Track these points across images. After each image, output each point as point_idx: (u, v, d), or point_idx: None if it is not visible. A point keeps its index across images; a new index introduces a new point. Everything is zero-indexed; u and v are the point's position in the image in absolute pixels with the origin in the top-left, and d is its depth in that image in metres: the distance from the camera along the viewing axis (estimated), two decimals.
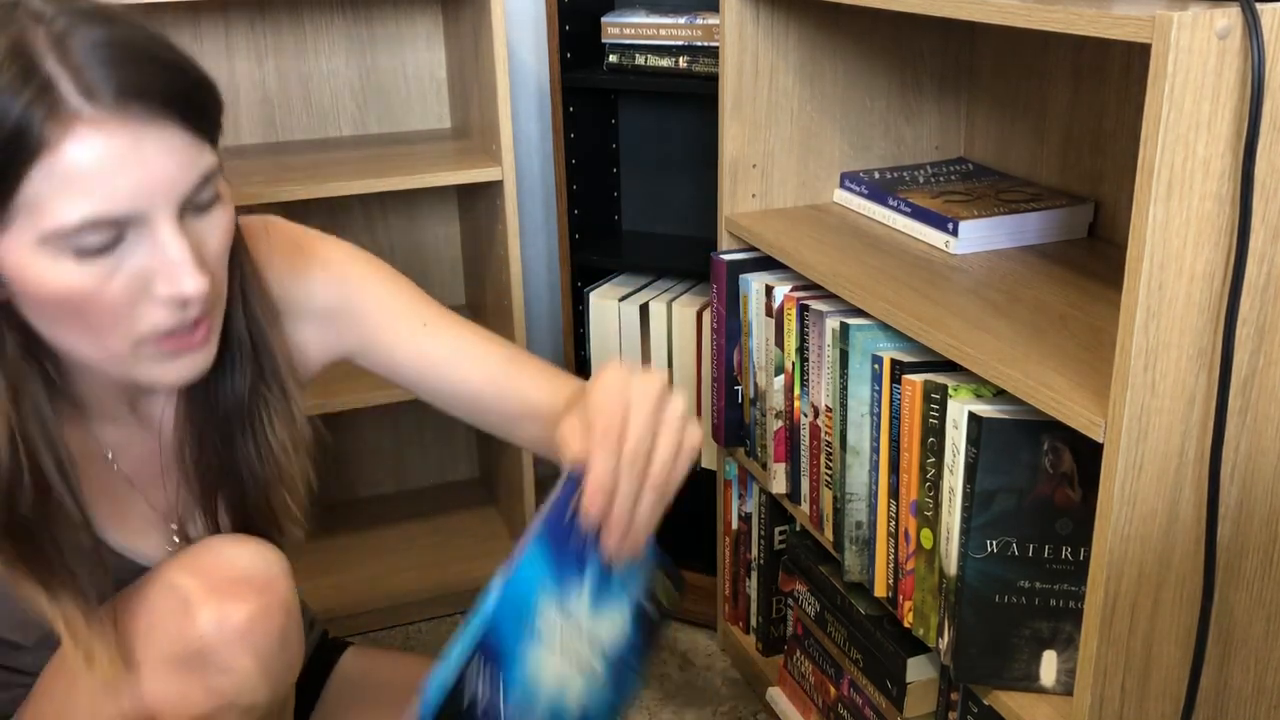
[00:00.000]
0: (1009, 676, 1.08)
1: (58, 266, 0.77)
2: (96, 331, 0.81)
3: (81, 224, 0.75)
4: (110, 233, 0.77)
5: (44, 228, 0.75)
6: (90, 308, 0.79)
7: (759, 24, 1.44)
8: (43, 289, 0.78)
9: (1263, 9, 0.81)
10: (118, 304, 0.79)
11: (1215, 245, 0.87)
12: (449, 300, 2.04)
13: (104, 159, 0.75)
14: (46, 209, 0.75)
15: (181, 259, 0.79)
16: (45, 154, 0.74)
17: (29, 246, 0.76)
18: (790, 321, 1.35)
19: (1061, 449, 1.01)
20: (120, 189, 0.76)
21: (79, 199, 0.75)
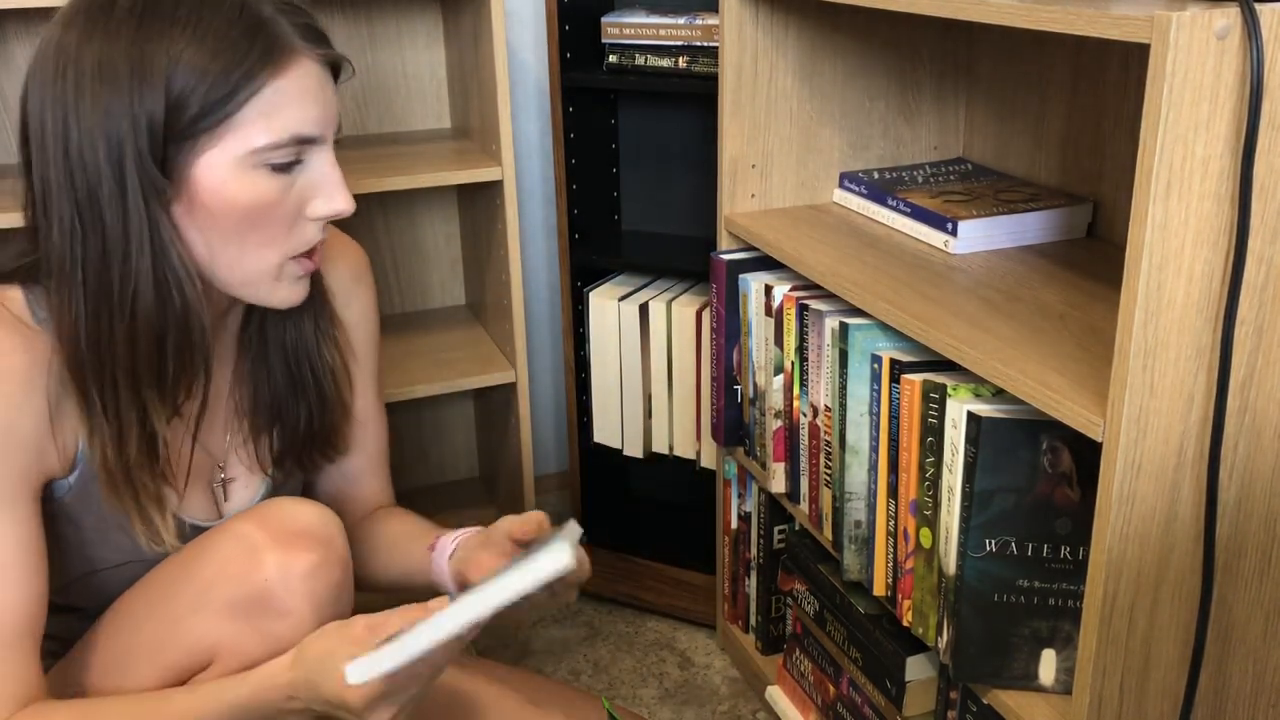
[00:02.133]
0: (1008, 675, 1.09)
1: (252, 179, 0.92)
2: (265, 242, 0.95)
3: (288, 140, 0.92)
4: (296, 151, 0.93)
5: (254, 144, 0.90)
6: (267, 218, 0.93)
7: (758, 24, 1.44)
8: (236, 201, 0.91)
9: (1262, 9, 0.81)
10: (287, 216, 0.94)
11: (1214, 245, 0.87)
12: (449, 300, 2.05)
13: (308, 89, 0.93)
14: (257, 129, 0.90)
15: (339, 180, 0.97)
16: (265, 88, 0.90)
17: (230, 163, 0.90)
18: (790, 321, 1.35)
19: (1060, 448, 1.01)
20: (313, 115, 0.93)
21: (287, 119, 0.91)
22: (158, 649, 0.98)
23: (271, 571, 0.96)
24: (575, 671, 1.72)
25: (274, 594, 0.95)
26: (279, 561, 0.96)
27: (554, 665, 1.73)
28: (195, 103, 0.88)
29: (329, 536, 0.99)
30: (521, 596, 0.86)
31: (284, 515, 0.99)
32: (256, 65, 0.89)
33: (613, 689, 1.68)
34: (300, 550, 0.97)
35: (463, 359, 1.81)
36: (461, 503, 2.09)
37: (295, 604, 0.96)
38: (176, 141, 0.89)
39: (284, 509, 1.00)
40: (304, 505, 1.01)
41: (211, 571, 0.97)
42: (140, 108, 0.87)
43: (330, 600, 0.98)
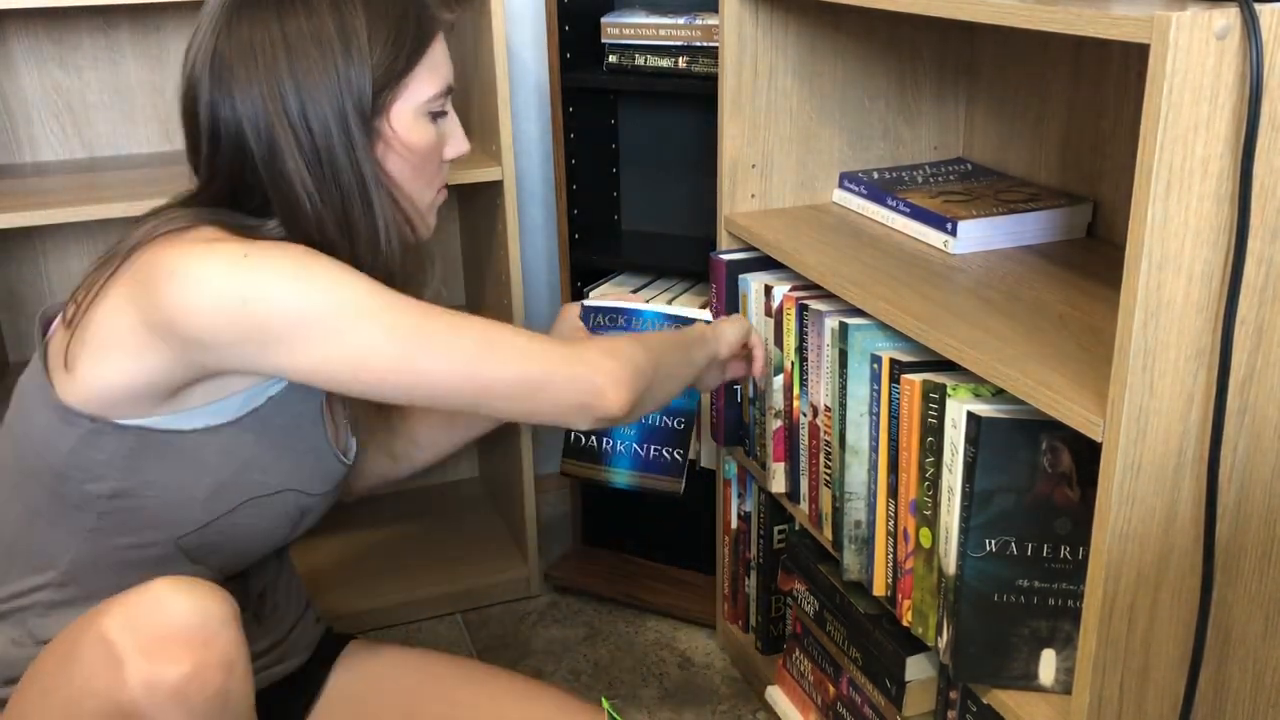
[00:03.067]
0: (1008, 675, 1.09)
1: (426, 127, 1.08)
2: (430, 176, 1.10)
3: (443, 91, 1.08)
4: (445, 101, 1.09)
5: (425, 96, 1.06)
6: (431, 157, 1.09)
7: (758, 24, 1.44)
8: (416, 144, 1.07)
9: (1261, 9, 0.81)
10: (437, 156, 1.10)
11: (1214, 245, 0.87)
12: (449, 300, 2.05)
13: (444, 52, 1.09)
14: (424, 83, 1.06)
15: (461, 129, 1.13)
16: (429, 49, 1.06)
17: (410, 113, 1.06)
18: (789, 321, 1.35)
19: (1060, 448, 1.01)
20: (450, 71, 1.10)
21: (441, 75, 1.08)
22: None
23: (136, 690, 0.86)
24: (575, 671, 1.72)
25: (143, 712, 0.86)
26: (144, 678, 0.86)
27: (554, 665, 1.73)
28: (388, 64, 1.03)
29: (206, 637, 0.89)
30: None
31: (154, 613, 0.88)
32: (423, 31, 1.05)
33: (613, 689, 1.68)
34: (168, 661, 0.86)
35: None
36: (461, 503, 2.10)
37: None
38: (379, 98, 1.03)
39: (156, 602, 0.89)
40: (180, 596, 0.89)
41: (78, 682, 0.89)
42: (353, 71, 1.01)
43: (215, 710, 0.89)
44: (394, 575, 1.87)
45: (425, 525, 2.01)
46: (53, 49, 1.72)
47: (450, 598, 1.86)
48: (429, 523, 2.02)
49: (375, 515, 2.04)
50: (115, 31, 1.74)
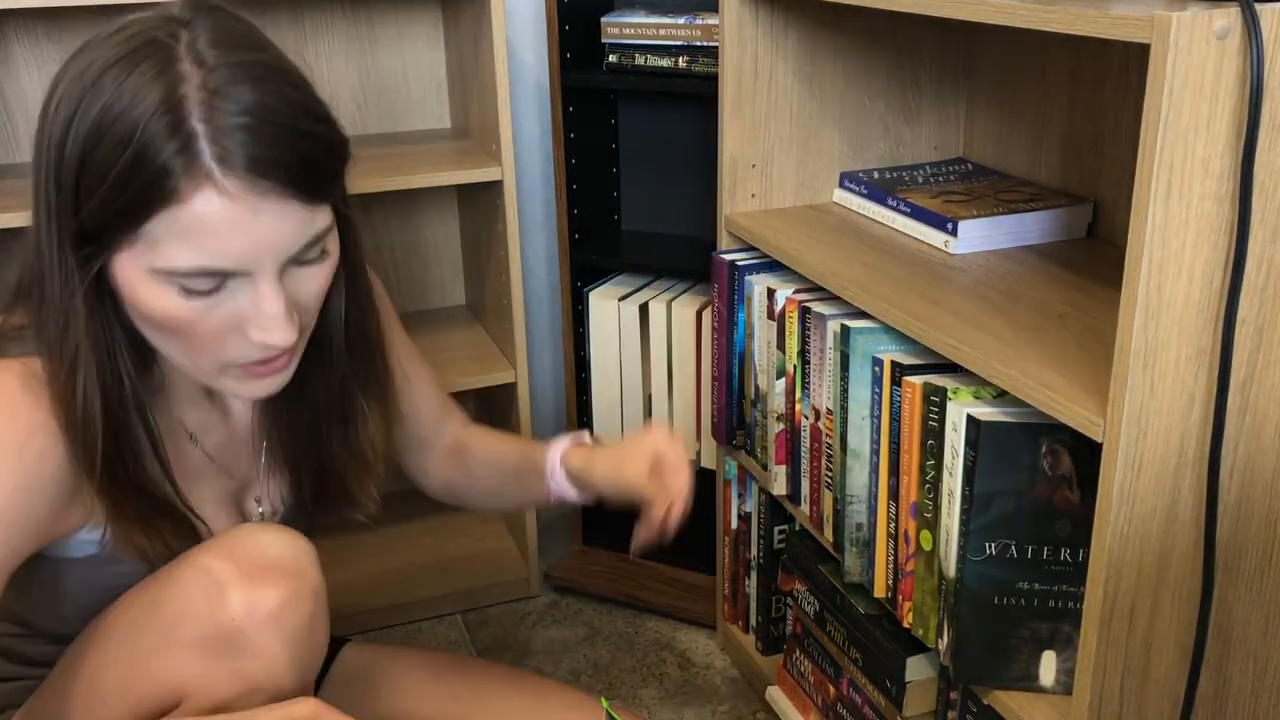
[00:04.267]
0: (1008, 677, 1.08)
1: (164, 295, 0.85)
2: (188, 350, 0.89)
3: (191, 270, 0.83)
4: (215, 280, 0.84)
5: (157, 264, 0.83)
6: (186, 333, 0.87)
7: (758, 24, 1.44)
8: (148, 309, 0.86)
9: (1262, 9, 0.81)
10: (211, 334, 0.87)
11: (1214, 245, 0.87)
12: (449, 300, 2.05)
13: (222, 221, 0.82)
14: (162, 249, 0.82)
15: (275, 313, 0.86)
16: (174, 203, 0.81)
17: (141, 271, 0.84)
18: (792, 324, 1.35)
19: (1060, 451, 1.01)
20: (232, 249, 0.83)
21: (193, 250, 0.82)
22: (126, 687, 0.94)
23: (238, 610, 0.91)
24: (575, 672, 1.72)
25: (242, 633, 0.91)
26: (245, 599, 0.91)
27: (554, 665, 1.73)
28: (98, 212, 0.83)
29: (299, 568, 0.95)
30: None
31: (251, 546, 0.94)
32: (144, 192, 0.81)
33: (613, 689, 1.68)
34: (268, 585, 0.92)
35: (462, 359, 1.81)
36: None
37: (265, 643, 0.91)
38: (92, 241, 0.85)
39: (251, 538, 0.95)
40: (273, 534, 0.96)
41: (176, 608, 0.93)
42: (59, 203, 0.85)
43: (303, 635, 0.94)
44: (394, 575, 1.87)
45: (425, 525, 2.01)
46: (52, 49, 1.72)
47: (450, 598, 1.85)
48: (429, 523, 2.02)
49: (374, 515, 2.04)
50: None
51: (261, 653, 0.92)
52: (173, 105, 0.80)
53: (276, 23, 1.81)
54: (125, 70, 0.82)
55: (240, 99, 0.82)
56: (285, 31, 1.82)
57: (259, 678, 0.92)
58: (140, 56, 0.82)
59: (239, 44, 0.85)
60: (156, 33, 0.84)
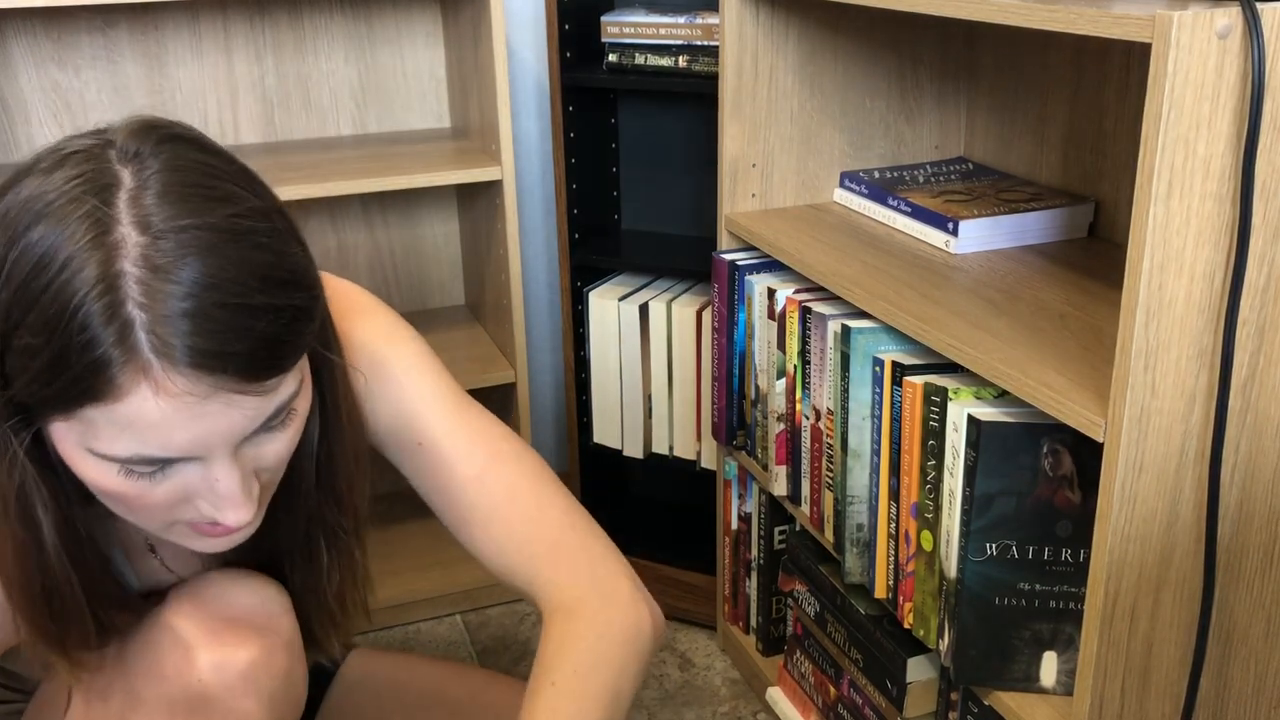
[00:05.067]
0: (1009, 677, 1.08)
1: (103, 471, 0.75)
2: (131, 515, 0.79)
3: (129, 458, 0.74)
4: (159, 465, 0.75)
5: (95, 448, 0.74)
6: (130, 504, 0.78)
7: (759, 23, 1.43)
8: (88, 480, 0.77)
9: (1263, 9, 0.81)
10: (158, 506, 0.78)
11: (1215, 245, 0.87)
12: (448, 300, 2.04)
13: (164, 417, 0.72)
14: (100, 434, 0.73)
15: (229, 495, 0.77)
16: (109, 398, 0.71)
17: (78, 447, 0.75)
18: (792, 324, 1.35)
19: (1061, 451, 1.01)
20: (177, 441, 0.73)
21: (132, 440, 0.73)
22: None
23: (206, 672, 0.87)
24: None
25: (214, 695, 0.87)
26: (214, 661, 0.87)
27: None
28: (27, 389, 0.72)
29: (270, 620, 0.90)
30: None
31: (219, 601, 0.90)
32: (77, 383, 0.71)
33: None
34: (237, 645, 0.88)
35: (462, 359, 1.81)
36: None
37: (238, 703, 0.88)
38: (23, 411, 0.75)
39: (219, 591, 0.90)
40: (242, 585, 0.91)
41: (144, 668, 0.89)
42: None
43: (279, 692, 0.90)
44: (393, 576, 1.87)
45: (425, 526, 2.01)
46: (51, 48, 1.72)
47: (450, 599, 1.85)
48: (429, 523, 2.02)
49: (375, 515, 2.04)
50: (114, 31, 1.74)
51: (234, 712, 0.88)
52: (110, 285, 0.69)
53: (276, 22, 1.81)
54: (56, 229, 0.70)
55: (185, 279, 0.70)
56: (284, 30, 1.82)
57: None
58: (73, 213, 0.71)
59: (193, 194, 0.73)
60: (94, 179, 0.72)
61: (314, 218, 1.92)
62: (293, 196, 1.59)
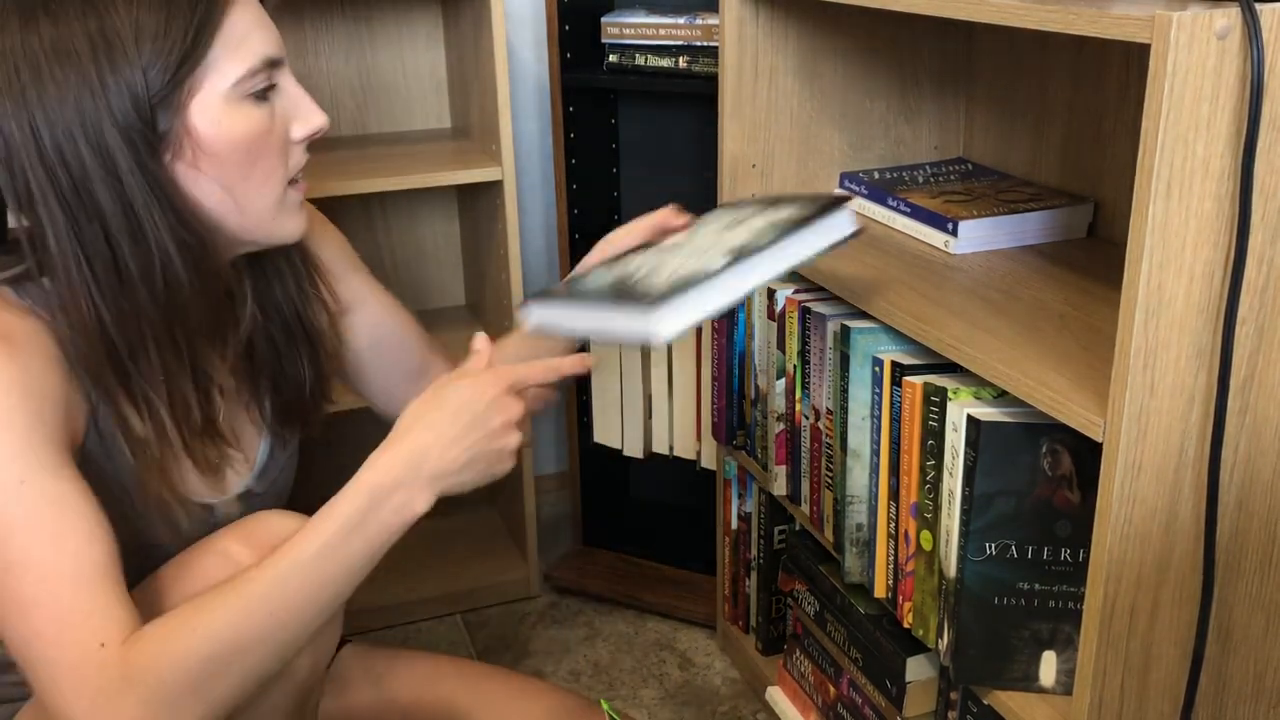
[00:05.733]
0: (1008, 677, 1.08)
1: (244, 112, 0.92)
2: (269, 171, 0.95)
3: (260, 64, 0.92)
4: (268, 76, 0.93)
5: (232, 77, 0.90)
6: (264, 146, 0.94)
7: (758, 24, 1.44)
8: (235, 136, 0.91)
9: (1262, 9, 0.81)
10: (279, 142, 0.95)
11: (1215, 245, 0.87)
12: (449, 300, 2.04)
13: (253, 21, 0.93)
14: (233, 60, 0.90)
15: (309, 99, 0.98)
16: (223, 22, 0.90)
17: (219, 101, 0.90)
18: (792, 324, 1.35)
19: (1060, 451, 1.01)
20: (271, 37, 0.94)
21: (250, 49, 0.91)
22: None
23: None
24: (575, 672, 1.72)
25: None
26: None
27: (554, 666, 1.73)
28: (167, 57, 0.87)
29: None
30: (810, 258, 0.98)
31: (267, 530, 0.96)
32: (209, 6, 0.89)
33: (613, 690, 1.68)
34: None
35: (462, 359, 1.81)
36: (461, 502, 2.09)
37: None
38: (163, 99, 0.88)
39: (267, 523, 0.97)
40: (287, 519, 0.98)
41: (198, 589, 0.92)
42: (115, 80, 0.86)
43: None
44: (393, 575, 1.87)
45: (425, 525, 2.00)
46: None
47: (450, 598, 1.85)
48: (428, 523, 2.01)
49: None
50: None
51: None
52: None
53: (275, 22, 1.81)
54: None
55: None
56: (285, 31, 1.81)
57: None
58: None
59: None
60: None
61: None
62: None
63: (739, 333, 1.48)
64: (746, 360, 1.47)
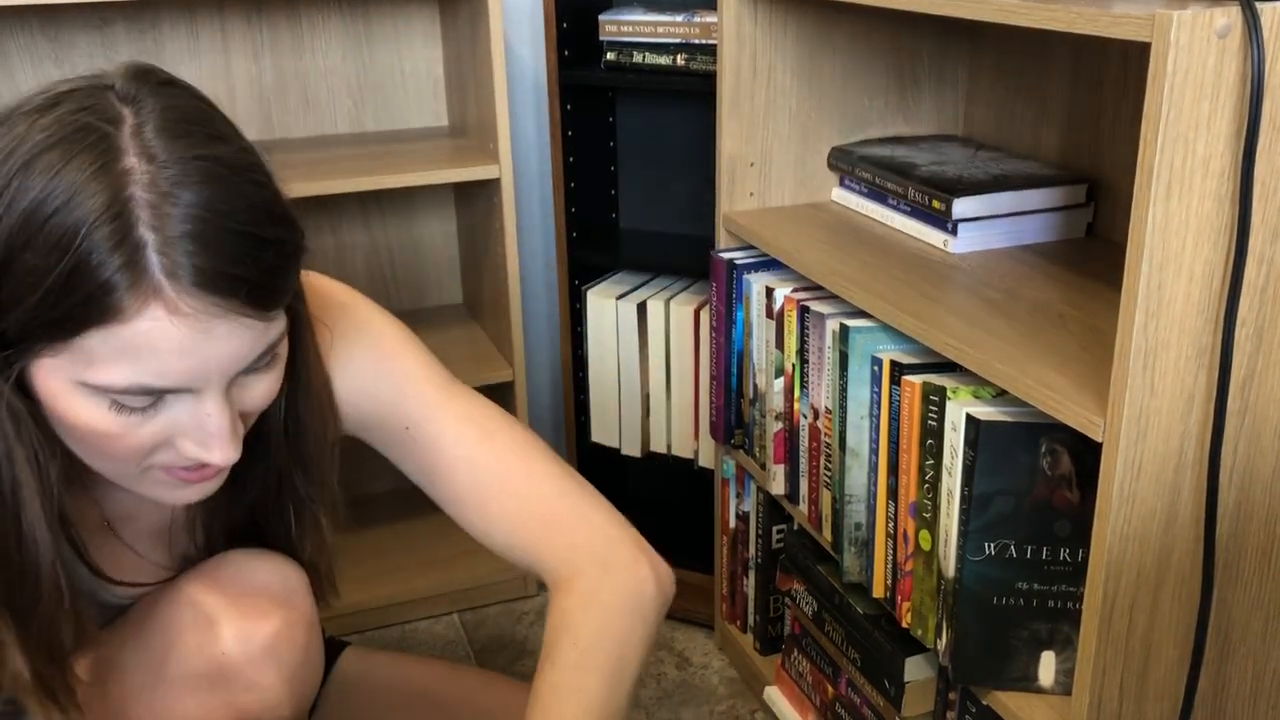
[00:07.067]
0: (1007, 677, 1.08)
1: (91, 407, 0.75)
2: (110, 460, 0.79)
3: (128, 388, 0.74)
4: (154, 397, 0.76)
5: (90, 379, 0.74)
6: (112, 445, 0.77)
7: (757, 22, 1.43)
8: (71, 420, 0.76)
9: (1262, 8, 0.81)
10: (140, 446, 0.78)
11: (1214, 245, 0.87)
12: (446, 299, 2.04)
13: (169, 341, 0.73)
14: (97, 365, 0.73)
15: (218, 432, 0.77)
16: (115, 320, 0.71)
17: (68, 382, 0.75)
18: (790, 323, 1.35)
19: (1060, 451, 1.01)
20: (177, 368, 0.74)
21: (133, 369, 0.73)
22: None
23: (230, 645, 0.88)
24: None
25: (236, 667, 0.89)
26: (237, 633, 0.88)
27: None
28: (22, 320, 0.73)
29: (289, 595, 0.92)
30: None
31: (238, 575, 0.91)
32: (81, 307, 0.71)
33: None
34: (259, 617, 0.89)
35: (460, 358, 1.81)
36: None
37: (260, 676, 0.89)
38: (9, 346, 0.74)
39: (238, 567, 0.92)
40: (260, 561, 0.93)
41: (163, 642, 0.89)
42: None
43: (300, 665, 0.92)
44: (391, 575, 1.87)
45: (422, 525, 2.00)
46: (48, 46, 1.72)
47: (447, 598, 1.85)
48: (426, 522, 2.01)
49: (372, 515, 2.04)
50: (110, 29, 1.74)
51: (256, 685, 0.89)
52: (118, 211, 0.70)
53: (273, 20, 1.81)
54: (61, 159, 0.71)
55: (192, 202, 0.72)
56: (282, 28, 1.82)
57: (255, 709, 0.90)
58: (78, 144, 0.72)
59: (192, 132, 0.75)
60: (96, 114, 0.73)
61: (311, 216, 1.92)
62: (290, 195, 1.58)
63: (737, 331, 1.47)
64: (745, 359, 1.47)
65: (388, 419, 0.99)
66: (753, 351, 1.45)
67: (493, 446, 0.98)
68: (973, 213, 1.31)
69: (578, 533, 0.98)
